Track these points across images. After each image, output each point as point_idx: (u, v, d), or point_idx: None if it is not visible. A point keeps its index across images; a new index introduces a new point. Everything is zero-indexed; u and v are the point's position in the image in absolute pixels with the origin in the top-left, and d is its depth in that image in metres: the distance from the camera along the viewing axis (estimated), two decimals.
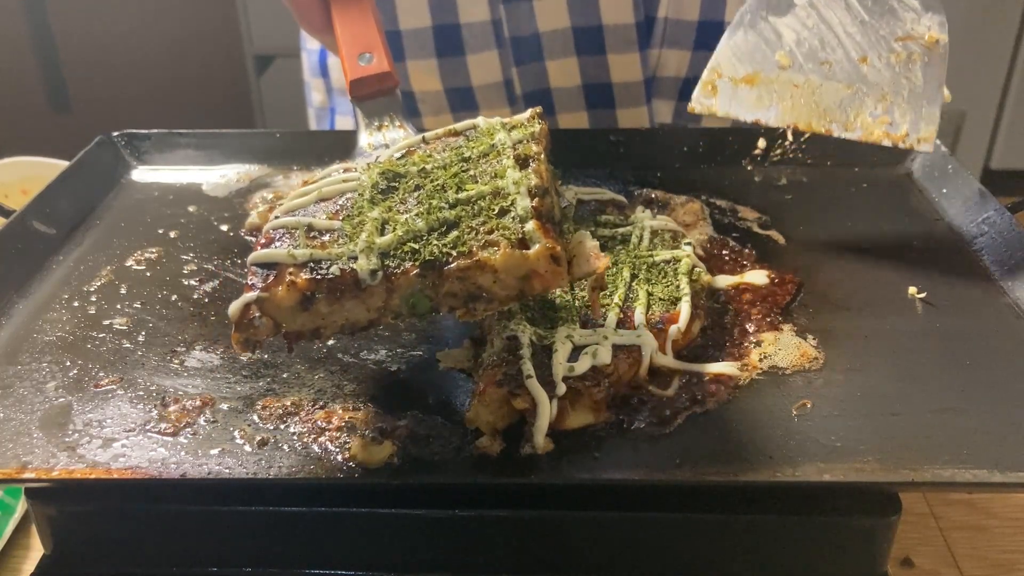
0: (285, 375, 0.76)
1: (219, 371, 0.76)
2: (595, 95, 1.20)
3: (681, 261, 0.82)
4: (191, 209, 1.01)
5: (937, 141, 1.05)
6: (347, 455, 0.67)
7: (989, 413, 0.70)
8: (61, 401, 0.72)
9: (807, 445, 0.67)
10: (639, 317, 0.75)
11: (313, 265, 0.64)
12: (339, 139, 1.07)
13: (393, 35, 1.16)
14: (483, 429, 0.68)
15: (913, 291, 0.84)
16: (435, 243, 0.64)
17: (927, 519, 0.87)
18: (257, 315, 0.64)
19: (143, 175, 1.09)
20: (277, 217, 0.70)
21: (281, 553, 0.69)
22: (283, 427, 0.70)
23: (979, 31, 2.82)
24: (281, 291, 0.64)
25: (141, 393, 0.73)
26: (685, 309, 0.77)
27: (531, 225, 0.64)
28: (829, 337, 0.79)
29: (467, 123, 0.78)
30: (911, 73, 0.88)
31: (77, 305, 0.85)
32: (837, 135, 0.89)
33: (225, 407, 0.72)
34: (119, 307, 0.85)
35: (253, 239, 0.92)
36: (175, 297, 0.86)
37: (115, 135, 1.10)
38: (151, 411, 0.71)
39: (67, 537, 0.70)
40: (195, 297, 0.86)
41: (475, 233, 0.64)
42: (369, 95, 0.88)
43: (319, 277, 0.64)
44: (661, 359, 0.73)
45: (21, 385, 0.74)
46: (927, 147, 0.88)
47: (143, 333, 0.81)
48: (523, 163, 0.70)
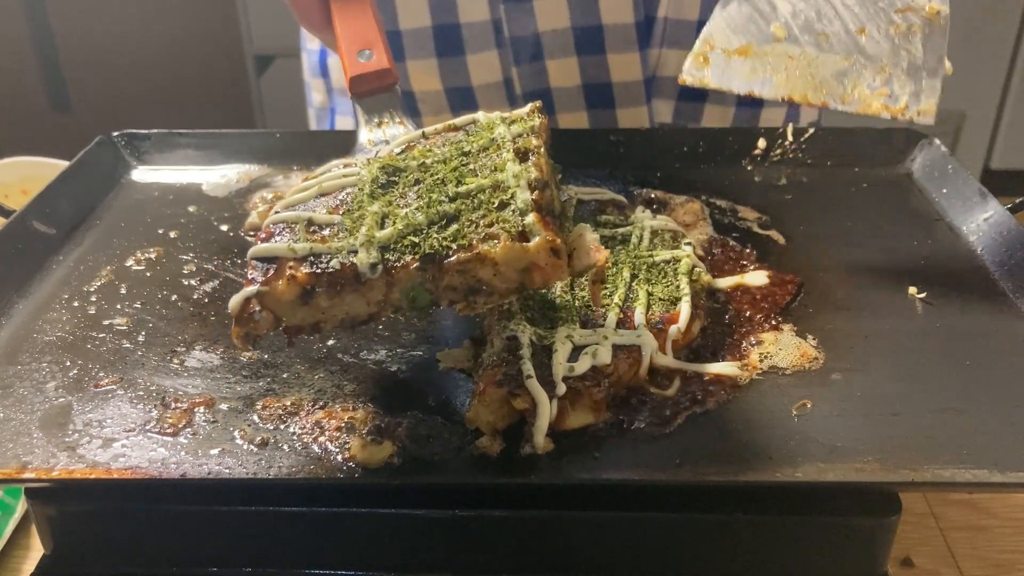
0: (285, 375, 0.76)
1: (219, 371, 0.76)
2: (595, 95, 1.20)
3: (681, 261, 0.82)
4: (191, 209, 1.01)
5: (937, 141, 1.05)
6: (347, 455, 0.67)
7: (989, 413, 0.70)
8: (61, 401, 0.72)
9: (807, 445, 0.67)
10: (639, 317, 0.75)
11: (313, 259, 0.64)
12: (339, 139, 1.07)
13: (393, 35, 1.16)
14: (483, 429, 0.68)
15: (913, 291, 0.84)
16: (435, 236, 0.64)
17: (927, 519, 0.87)
18: (257, 309, 0.64)
19: (143, 175, 1.09)
20: (277, 212, 0.70)
21: (281, 553, 0.69)
22: (283, 427, 0.70)
23: (979, 31, 2.82)
24: (281, 285, 0.64)
25: (141, 393, 0.73)
26: (685, 309, 0.77)
27: (531, 218, 0.64)
28: (829, 337, 0.79)
29: (466, 118, 0.78)
30: (911, 45, 0.86)
31: (77, 305, 0.85)
32: (833, 107, 0.86)
33: (225, 407, 0.72)
34: (119, 307, 0.85)
35: (253, 239, 0.92)
36: (175, 297, 0.86)
37: (115, 135, 1.10)
38: (151, 411, 0.71)
39: (67, 537, 0.70)
40: (195, 297, 0.86)
41: (475, 226, 0.64)
42: (369, 92, 0.88)
43: (319, 271, 0.64)
44: (661, 359, 0.73)
45: (21, 385, 0.74)
46: (927, 119, 0.86)
47: (143, 333, 0.81)
48: (523, 156, 0.70)
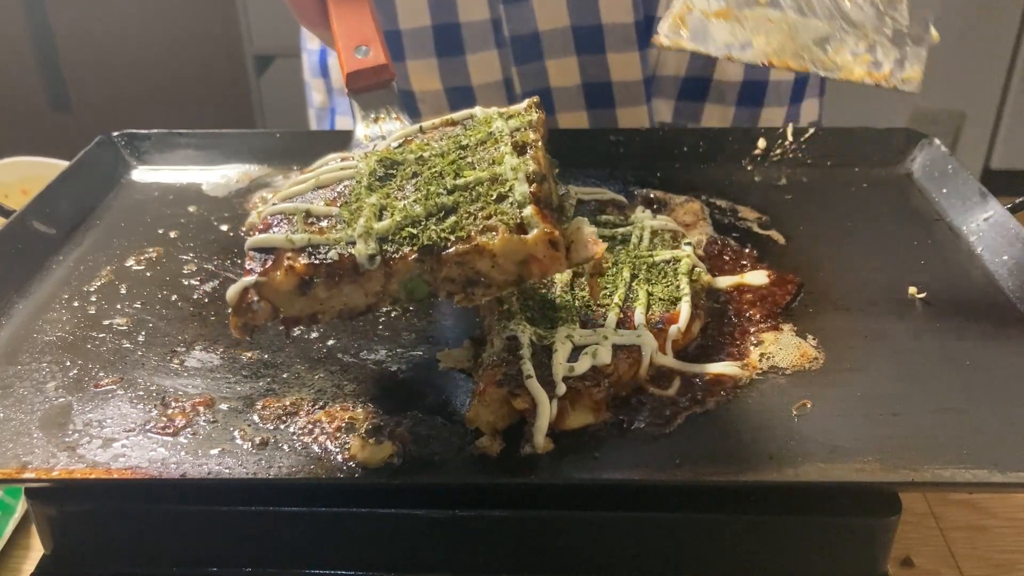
0: (285, 375, 0.76)
1: (219, 371, 0.76)
2: (595, 94, 1.20)
3: (681, 261, 0.82)
4: (191, 209, 1.01)
5: (937, 141, 1.05)
6: (347, 455, 0.67)
7: (989, 413, 0.70)
8: (61, 401, 0.72)
9: (807, 445, 0.67)
10: (639, 317, 0.75)
11: (311, 250, 0.65)
12: (339, 139, 1.06)
13: (393, 35, 1.16)
14: (483, 429, 0.68)
15: (913, 291, 0.84)
16: (433, 228, 0.64)
17: (927, 519, 0.87)
18: (255, 299, 0.64)
19: (143, 175, 1.09)
20: (274, 204, 0.70)
21: (281, 553, 0.69)
22: (283, 427, 0.70)
23: (979, 31, 2.82)
24: (279, 275, 0.64)
25: (141, 393, 0.73)
26: (685, 309, 0.77)
27: (529, 210, 0.63)
28: (829, 337, 0.79)
29: (464, 113, 0.78)
30: (896, 12, 0.85)
31: (77, 305, 0.85)
32: (814, 72, 0.86)
33: (225, 407, 0.72)
34: (119, 307, 0.85)
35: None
36: (175, 297, 0.86)
37: (115, 135, 1.10)
38: (151, 411, 0.71)
39: (67, 537, 0.70)
40: (195, 297, 0.86)
41: (473, 218, 0.64)
42: (365, 88, 0.88)
43: (317, 262, 0.64)
44: (661, 359, 0.74)
45: (21, 385, 0.74)
46: (912, 87, 0.85)
47: (143, 333, 0.81)
48: (521, 150, 0.70)
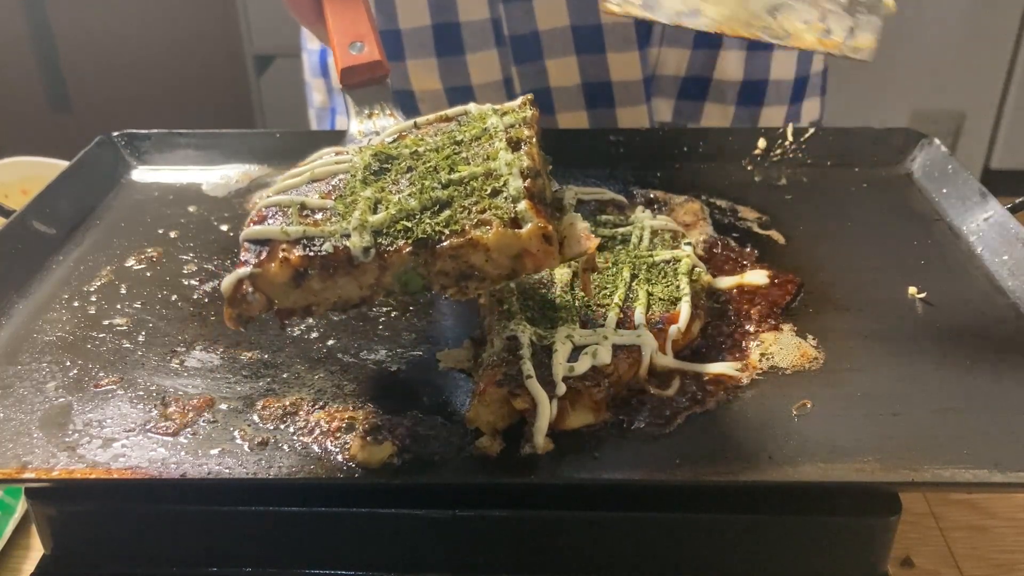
0: (285, 375, 0.76)
1: (219, 371, 0.76)
2: (595, 94, 1.20)
3: (681, 261, 0.82)
4: (191, 209, 1.01)
5: (937, 141, 1.05)
6: (347, 455, 0.67)
7: (989, 413, 0.70)
8: (61, 401, 0.72)
9: (807, 445, 0.67)
10: (639, 317, 0.75)
11: (306, 242, 0.65)
12: (339, 139, 1.06)
13: (393, 34, 1.16)
14: (483, 429, 0.68)
15: (913, 291, 0.84)
16: (428, 222, 0.65)
17: (927, 519, 0.87)
18: (250, 290, 0.64)
19: (143, 175, 1.09)
20: (269, 196, 0.70)
21: (281, 553, 0.69)
22: (283, 427, 0.70)
23: (979, 31, 2.82)
24: (274, 267, 0.64)
25: (141, 393, 0.73)
26: (685, 309, 0.77)
27: (523, 205, 0.64)
28: (829, 337, 0.79)
29: (458, 109, 0.78)
30: None
31: (77, 305, 0.85)
32: (765, 40, 0.85)
33: (225, 407, 0.72)
34: (119, 307, 0.85)
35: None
36: (175, 297, 0.86)
37: (115, 135, 1.10)
38: (151, 411, 0.71)
39: (67, 537, 0.70)
40: (195, 297, 0.86)
41: (468, 212, 0.65)
42: (360, 83, 0.88)
43: (312, 254, 0.64)
44: (661, 359, 0.73)
45: (21, 385, 0.74)
46: (864, 55, 0.84)
47: (143, 333, 0.81)
48: (515, 146, 0.70)
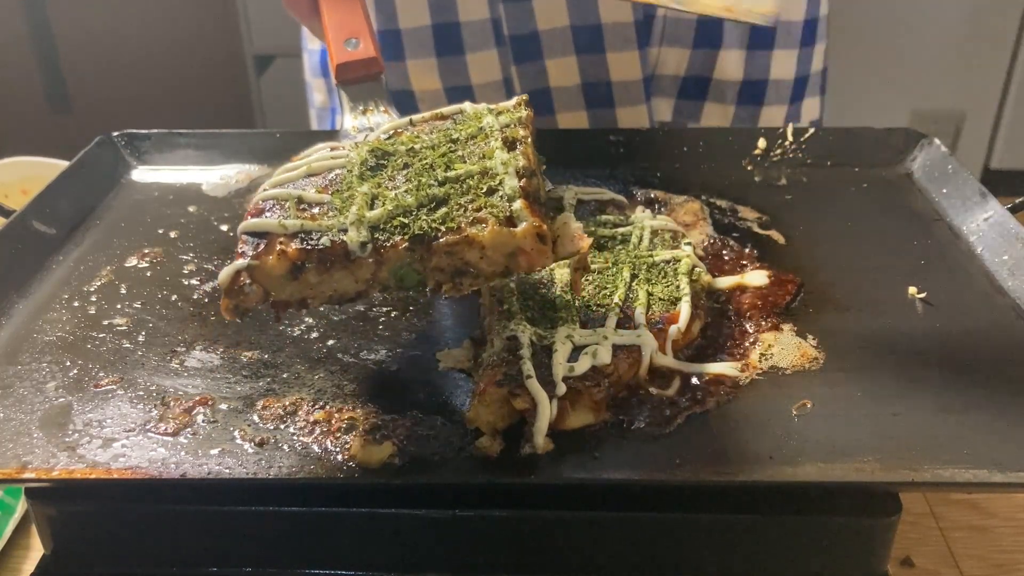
0: (285, 375, 0.76)
1: (219, 371, 0.76)
2: (594, 94, 1.20)
3: (681, 261, 0.82)
4: (191, 209, 1.01)
5: (937, 141, 1.05)
6: (347, 455, 0.67)
7: (989, 413, 0.70)
8: (61, 401, 0.72)
9: (807, 445, 0.67)
10: (639, 317, 0.75)
11: (303, 236, 0.66)
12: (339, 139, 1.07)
13: (393, 34, 1.16)
14: (483, 429, 0.68)
15: (913, 291, 0.84)
16: (424, 218, 0.65)
17: (927, 519, 0.87)
18: (248, 282, 0.65)
19: (143, 175, 1.09)
20: (265, 190, 0.71)
21: (281, 553, 0.69)
22: (283, 427, 0.70)
23: (979, 31, 2.82)
24: (272, 260, 0.65)
25: (141, 393, 0.73)
26: (685, 309, 0.77)
27: (518, 204, 0.65)
28: (829, 337, 0.79)
29: (454, 107, 0.79)
30: None
31: (77, 305, 0.85)
32: (674, 7, 0.86)
33: (225, 407, 0.72)
34: (119, 307, 0.85)
35: None
36: (175, 297, 0.86)
37: (115, 135, 1.10)
38: (151, 411, 0.71)
39: (67, 537, 0.70)
40: (195, 297, 0.86)
41: (464, 210, 0.66)
42: (355, 80, 0.89)
43: (309, 247, 0.65)
44: (661, 359, 0.73)
45: (21, 385, 0.74)
46: (765, 21, 0.86)
47: (143, 333, 0.81)
48: (511, 145, 0.71)
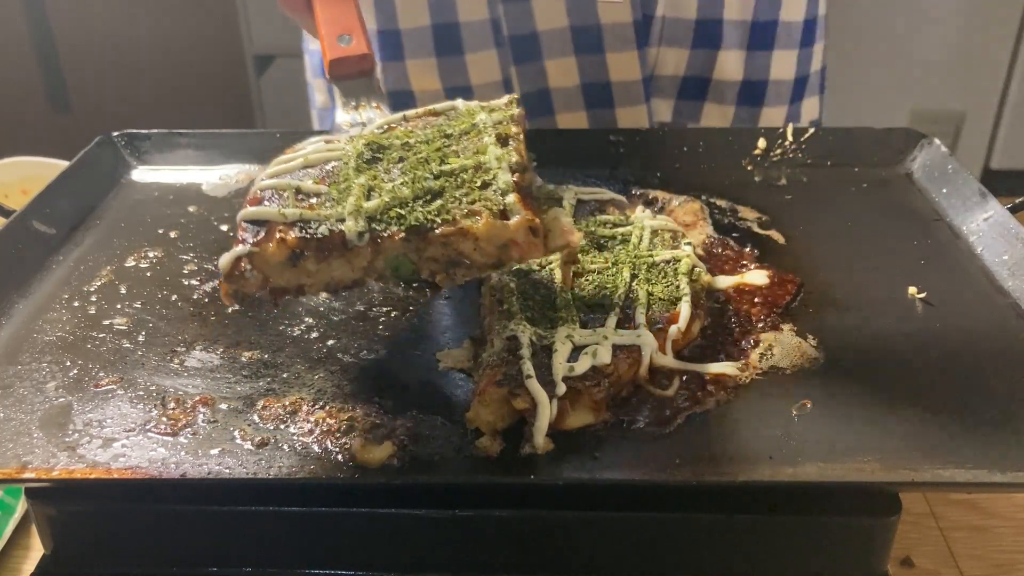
0: (285, 375, 0.76)
1: (219, 371, 0.76)
2: (594, 94, 1.20)
3: (681, 261, 0.82)
4: (191, 209, 1.01)
5: (937, 141, 1.05)
6: (347, 455, 0.67)
7: (989, 413, 0.70)
8: (61, 401, 0.72)
9: (807, 445, 0.67)
10: (639, 317, 0.75)
11: (302, 224, 0.67)
12: None
13: (393, 34, 1.16)
14: (483, 429, 0.68)
15: (913, 291, 0.84)
16: (420, 210, 0.67)
17: (927, 519, 0.87)
18: (248, 268, 0.66)
19: (143, 175, 1.09)
20: (263, 180, 0.72)
21: (281, 553, 0.69)
22: (283, 427, 0.70)
23: (979, 31, 2.82)
24: (272, 247, 0.66)
25: (141, 393, 0.73)
26: (685, 309, 0.77)
27: (512, 198, 0.67)
28: (829, 337, 0.79)
29: (446, 104, 0.81)
30: None
31: (77, 305, 0.85)
32: None
33: (225, 407, 0.72)
34: (119, 307, 0.85)
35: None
36: (175, 297, 0.86)
37: (115, 135, 1.10)
38: (151, 411, 0.71)
39: (67, 537, 0.70)
40: (195, 297, 0.86)
41: (459, 203, 0.68)
42: (347, 75, 0.90)
43: (308, 236, 0.66)
44: (661, 359, 0.73)
45: (21, 385, 0.74)
46: None
47: (143, 333, 0.81)
48: (503, 141, 0.73)
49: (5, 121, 2.88)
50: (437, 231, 0.66)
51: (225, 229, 0.98)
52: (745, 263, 0.89)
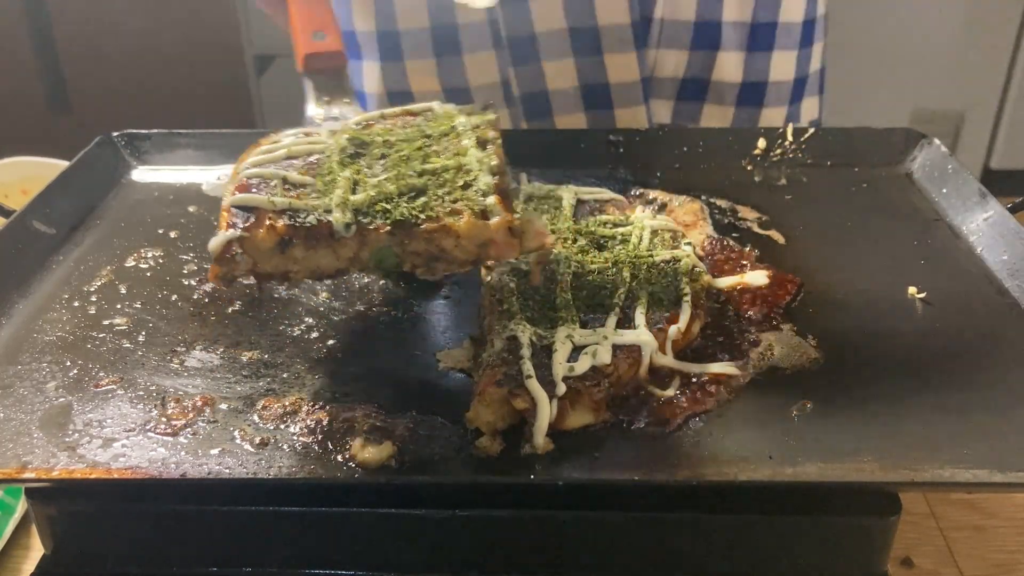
0: (285, 375, 0.76)
1: (219, 371, 0.76)
2: (592, 96, 1.20)
3: (681, 261, 0.82)
4: (191, 209, 1.01)
5: (937, 141, 1.05)
6: (347, 455, 0.67)
7: (989, 413, 0.70)
8: (61, 401, 0.72)
9: (807, 445, 0.67)
10: (639, 317, 0.75)
11: (291, 213, 0.70)
12: None
13: (392, 35, 1.17)
14: (483, 429, 0.68)
15: (913, 291, 0.84)
16: (405, 206, 0.70)
17: (927, 519, 0.87)
18: (239, 251, 0.69)
19: (143, 175, 1.09)
20: (248, 169, 0.74)
21: (281, 553, 0.69)
22: (283, 427, 0.70)
23: (979, 31, 2.82)
24: (262, 232, 0.69)
25: (141, 393, 0.73)
26: (685, 309, 0.77)
27: (492, 199, 0.70)
28: (829, 337, 0.79)
29: (423, 105, 0.85)
30: None
31: (77, 305, 0.85)
32: None
33: (225, 407, 0.72)
34: (119, 307, 0.85)
35: None
36: (175, 297, 0.86)
37: (115, 135, 1.10)
38: (151, 411, 0.71)
39: (67, 537, 0.70)
40: (195, 297, 0.86)
41: (441, 201, 0.71)
42: (321, 69, 0.93)
43: (297, 224, 0.69)
44: (661, 359, 0.73)
45: (21, 385, 0.74)
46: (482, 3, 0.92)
47: (143, 333, 0.81)
48: (483, 145, 0.76)
49: (5, 121, 2.88)
50: (422, 227, 0.69)
51: None
52: (745, 263, 0.89)
